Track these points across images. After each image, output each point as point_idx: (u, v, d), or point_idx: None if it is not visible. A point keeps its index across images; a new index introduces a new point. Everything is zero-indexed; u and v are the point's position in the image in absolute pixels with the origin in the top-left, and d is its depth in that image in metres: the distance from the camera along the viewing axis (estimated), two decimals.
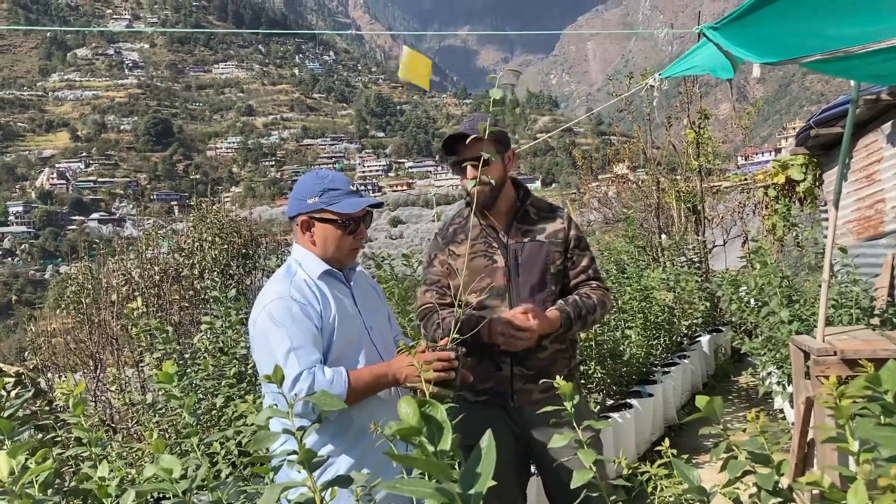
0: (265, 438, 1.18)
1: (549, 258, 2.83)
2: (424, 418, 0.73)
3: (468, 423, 2.87)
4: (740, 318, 6.83)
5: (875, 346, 3.98)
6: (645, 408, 5.60)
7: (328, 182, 2.36)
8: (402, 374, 2.20)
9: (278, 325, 2.18)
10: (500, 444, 2.75)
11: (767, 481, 1.61)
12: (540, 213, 2.93)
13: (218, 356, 3.95)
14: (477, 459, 0.74)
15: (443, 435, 0.73)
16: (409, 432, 0.70)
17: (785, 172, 9.79)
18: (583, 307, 2.78)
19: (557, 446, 1.84)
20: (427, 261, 3.06)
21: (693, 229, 12.13)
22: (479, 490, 0.72)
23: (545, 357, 2.78)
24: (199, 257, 9.62)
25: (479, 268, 2.84)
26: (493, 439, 2.39)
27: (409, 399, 0.73)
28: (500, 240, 2.86)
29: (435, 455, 0.72)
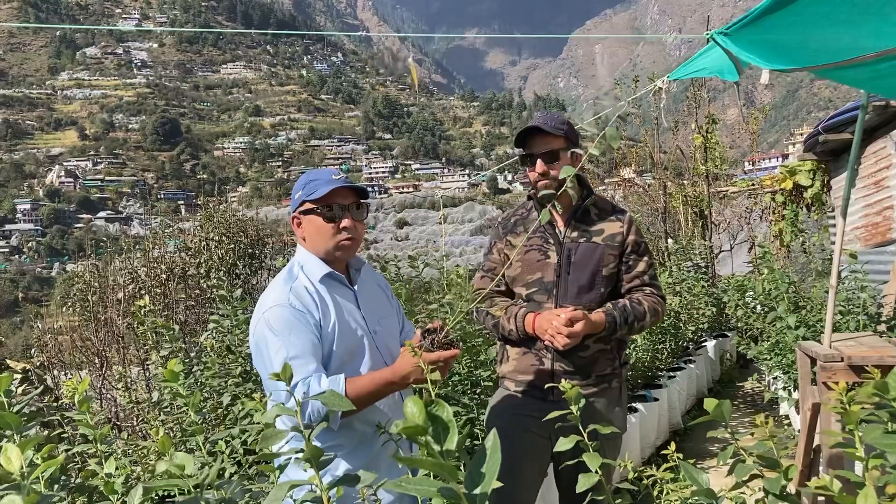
0: (272, 436, 1.18)
1: (602, 260, 2.83)
2: (430, 418, 0.73)
3: (504, 412, 2.92)
4: (746, 324, 6.82)
5: (882, 352, 3.97)
6: (650, 412, 5.59)
7: (313, 176, 2.35)
8: (409, 376, 2.13)
9: (276, 333, 2.14)
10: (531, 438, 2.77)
11: (775, 485, 1.61)
12: (601, 213, 2.93)
13: (224, 355, 3.96)
14: (482, 459, 0.74)
15: (448, 434, 0.73)
16: (414, 431, 0.70)
17: (793, 178, 9.76)
18: (631, 313, 2.78)
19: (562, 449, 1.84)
20: (487, 248, 3.11)
21: (700, 234, 12.11)
22: (484, 490, 0.72)
23: (587, 356, 2.79)
24: (205, 256, 9.64)
25: (532, 261, 2.87)
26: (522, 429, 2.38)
27: (415, 398, 0.73)
28: (556, 236, 2.87)
29: (441, 455, 0.72)
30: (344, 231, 2.30)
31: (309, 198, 2.29)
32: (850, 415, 1.44)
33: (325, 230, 2.29)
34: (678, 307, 7.35)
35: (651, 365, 6.36)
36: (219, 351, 4.06)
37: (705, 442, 6.10)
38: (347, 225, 2.30)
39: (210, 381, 3.82)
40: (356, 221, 2.34)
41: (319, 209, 2.29)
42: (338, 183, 2.28)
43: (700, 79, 11.73)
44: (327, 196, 2.27)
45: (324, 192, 2.26)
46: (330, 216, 2.28)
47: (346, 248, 2.33)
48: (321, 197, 2.27)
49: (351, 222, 2.31)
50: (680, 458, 2.04)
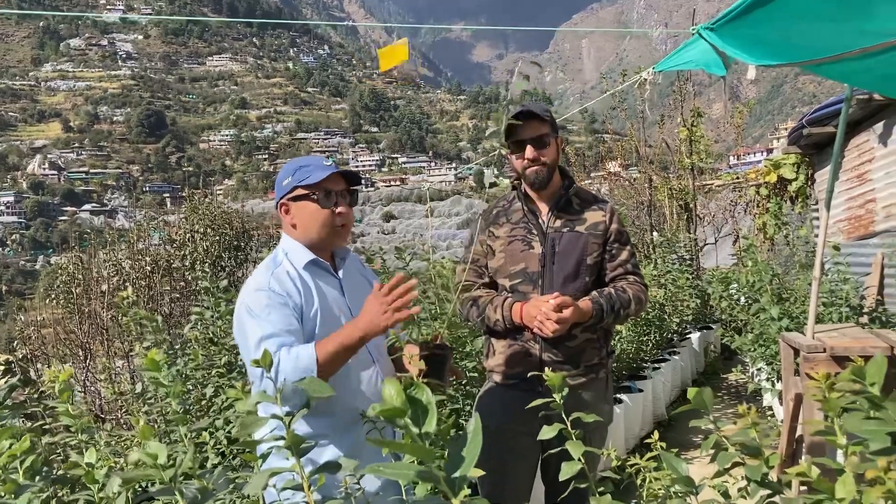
0: (251, 424, 1.18)
1: (585, 249, 2.84)
2: (409, 400, 0.73)
3: (491, 405, 2.92)
4: (730, 316, 6.86)
5: (864, 343, 4.00)
6: (634, 403, 5.62)
7: (301, 162, 2.34)
8: (372, 319, 2.08)
9: (254, 316, 2.14)
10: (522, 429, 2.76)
11: (756, 472, 1.61)
12: (583, 203, 2.93)
13: (208, 346, 3.95)
14: (463, 443, 0.74)
15: (427, 417, 0.72)
16: (393, 413, 0.70)
17: (777, 171, 9.81)
18: (617, 300, 2.78)
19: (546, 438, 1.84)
20: (469, 240, 3.10)
21: (684, 227, 12.16)
22: (463, 473, 0.71)
23: (575, 345, 2.79)
24: (190, 249, 9.60)
25: (516, 252, 2.86)
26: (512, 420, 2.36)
27: (393, 380, 0.72)
28: (539, 226, 2.87)
29: (420, 437, 0.72)
30: (339, 216, 2.30)
31: (301, 183, 2.27)
32: (830, 403, 1.45)
33: (320, 216, 2.28)
34: (663, 299, 7.38)
35: (636, 356, 6.39)
36: (202, 342, 4.04)
37: (689, 433, 6.13)
38: (343, 211, 2.31)
39: (193, 372, 3.80)
40: (348, 208, 2.34)
41: (314, 195, 2.28)
42: (332, 169, 2.28)
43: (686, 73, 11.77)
44: (322, 182, 2.26)
45: (319, 178, 2.25)
46: (326, 202, 2.28)
47: (340, 233, 2.33)
48: (316, 182, 2.26)
49: (344, 208, 2.32)
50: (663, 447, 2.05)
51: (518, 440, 2.81)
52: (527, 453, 2.86)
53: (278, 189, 2.37)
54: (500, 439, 2.86)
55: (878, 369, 1.32)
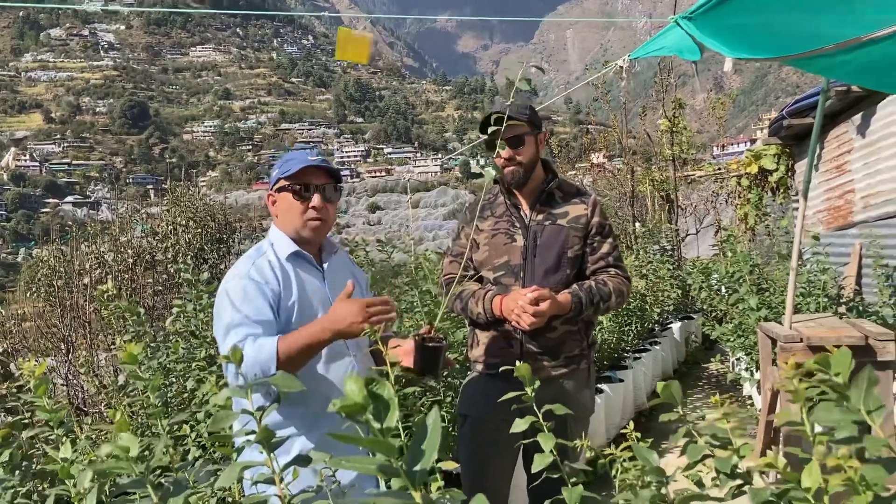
0: (224, 418, 1.19)
1: (567, 242, 2.87)
2: (371, 396, 0.74)
3: (475, 394, 2.95)
4: (710, 306, 6.92)
5: (840, 333, 4.05)
6: (615, 393, 5.66)
7: (290, 156, 2.38)
8: (343, 321, 2.10)
9: (229, 303, 2.18)
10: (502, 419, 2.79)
11: (725, 464, 1.64)
12: (566, 196, 2.96)
13: (189, 339, 3.94)
14: (423, 436, 0.75)
15: (389, 412, 0.74)
16: (353, 409, 0.71)
17: (758, 162, 9.88)
18: (597, 293, 2.81)
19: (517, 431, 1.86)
20: (455, 233, 3.14)
21: (666, 218, 12.23)
22: (424, 467, 0.73)
23: (555, 336, 2.83)
24: (172, 241, 9.56)
25: (499, 245, 2.90)
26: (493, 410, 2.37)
27: (355, 377, 0.74)
28: (522, 219, 2.90)
29: (381, 432, 0.74)
30: (312, 210, 2.31)
31: (283, 175, 2.31)
32: (798, 393, 1.48)
33: (295, 208, 2.31)
34: (644, 290, 7.43)
35: (617, 346, 6.44)
36: (184, 335, 4.04)
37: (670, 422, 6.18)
38: (317, 204, 2.31)
39: (175, 365, 3.80)
40: (327, 203, 2.35)
41: (291, 187, 2.31)
42: (309, 162, 2.30)
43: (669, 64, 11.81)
44: (299, 174, 2.29)
45: (295, 170, 2.28)
46: (300, 194, 2.30)
47: (314, 228, 2.34)
48: (293, 174, 2.29)
49: (321, 202, 2.32)
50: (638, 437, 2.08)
51: (499, 429, 2.84)
52: (508, 442, 2.89)
53: (270, 180, 2.42)
54: (482, 429, 2.90)
55: (843, 360, 1.35)
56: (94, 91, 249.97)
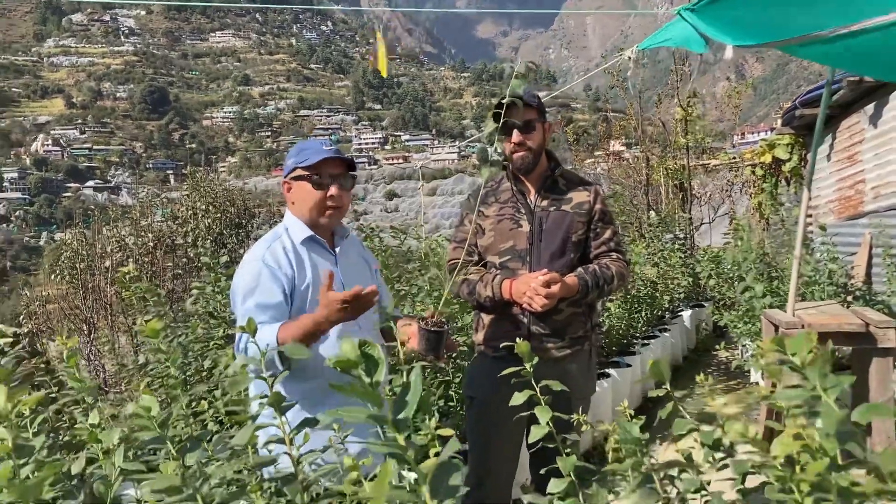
0: (240, 381, 1.32)
1: (571, 227, 2.96)
2: (363, 355, 0.87)
3: (481, 376, 3.05)
4: (720, 293, 6.99)
5: (841, 320, 4.14)
6: (623, 378, 5.75)
7: (305, 146, 2.51)
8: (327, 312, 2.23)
9: (244, 286, 2.33)
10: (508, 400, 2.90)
11: (709, 437, 1.75)
12: (569, 184, 3.06)
13: (208, 320, 4.09)
14: (407, 390, 0.88)
15: (377, 369, 0.86)
16: (347, 364, 0.84)
17: (771, 152, 9.90)
18: (601, 277, 2.92)
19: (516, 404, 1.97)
20: (458, 219, 3.23)
21: (680, 206, 12.26)
22: (407, 415, 0.85)
23: (561, 318, 2.92)
24: (192, 226, 9.74)
25: (505, 230, 2.99)
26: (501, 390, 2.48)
27: (348, 338, 0.86)
28: (527, 205, 2.99)
29: (371, 386, 0.86)
30: (330, 199, 2.46)
31: (300, 165, 2.45)
32: (772, 371, 1.59)
33: (313, 196, 2.45)
34: (655, 277, 7.51)
35: (626, 332, 6.52)
36: (203, 316, 4.19)
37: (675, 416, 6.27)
38: (334, 193, 2.46)
39: (193, 345, 3.94)
40: (343, 191, 2.50)
41: (309, 176, 2.45)
42: (327, 153, 2.44)
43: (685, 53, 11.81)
44: (317, 165, 2.43)
45: (314, 161, 2.42)
46: (318, 183, 2.44)
47: (331, 215, 2.49)
48: (312, 165, 2.43)
49: (338, 191, 2.47)
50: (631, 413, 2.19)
51: (504, 410, 2.94)
52: (513, 422, 2.98)
53: (284, 168, 2.56)
54: (487, 409, 2.99)
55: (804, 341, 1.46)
56: (114, 76, 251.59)
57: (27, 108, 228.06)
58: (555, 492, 1.79)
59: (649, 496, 1.61)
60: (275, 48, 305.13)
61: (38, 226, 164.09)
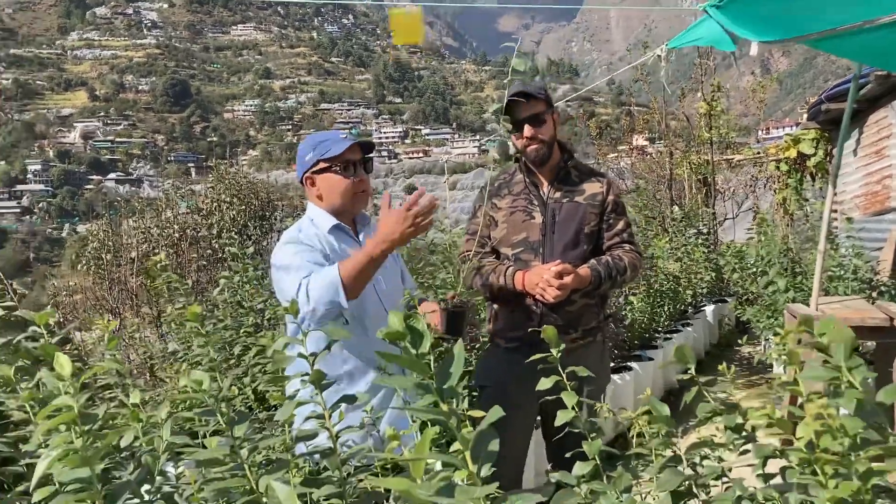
0: (283, 359, 1.38)
1: (584, 219, 2.99)
2: (409, 328, 0.92)
3: (495, 367, 3.10)
4: (743, 288, 6.99)
5: (864, 314, 4.14)
6: (645, 371, 5.78)
7: (320, 137, 2.59)
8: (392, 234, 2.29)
9: (286, 261, 2.38)
10: (523, 390, 2.95)
11: (731, 420, 1.78)
12: (581, 175, 3.09)
13: (236, 309, 4.17)
14: (451, 362, 0.93)
15: (422, 341, 0.91)
16: (395, 336, 0.89)
17: (796, 147, 9.85)
18: (614, 268, 2.94)
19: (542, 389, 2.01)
20: (472, 212, 3.25)
21: (703, 201, 12.21)
22: (451, 384, 0.91)
23: (574, 309, 2.95)
24: (217, 218, 9.84)
25: (517, 222, 3.02)
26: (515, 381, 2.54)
27: (396, 311, 0.91)
28: (540, 197, 3.02)
29: (416, 356, 0.91)
30: (359, 184, 2.56)
31: (323, 157, 2.51)
32: (792, 356, 1.62)
33: (342, 185, 2.53)
34: (678, 272, 7.51)
35: (648, 326, 6.54)
36: (231, 305, 4.27)
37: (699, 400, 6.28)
38: (362, 178, 2.56)
39: (222, 332, 4.02)
40: (366, 175, 2.60)
41: (335, 166, 2.52)
42: (350, 140, 2.53)
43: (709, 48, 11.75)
44: (343, 154, 2.50)
45: (339, 150, 2.49)
46: (346, 172, 2.52)
47: (360, 200, 2.59)
48: (337, 155, 2.50)
49: (362, 175, 2.57)
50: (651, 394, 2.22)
51: (518, 398, 2.95)
52: (526, 410, 3.03)
53: (300, 164, 2.60)
54: (500, 398, 3.02)
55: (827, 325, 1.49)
56: (137, 69, 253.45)
57: (51, 100, 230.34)
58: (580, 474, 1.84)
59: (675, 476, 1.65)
60: (296, 41, 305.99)
61: (61, 217, 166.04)
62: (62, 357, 1.15)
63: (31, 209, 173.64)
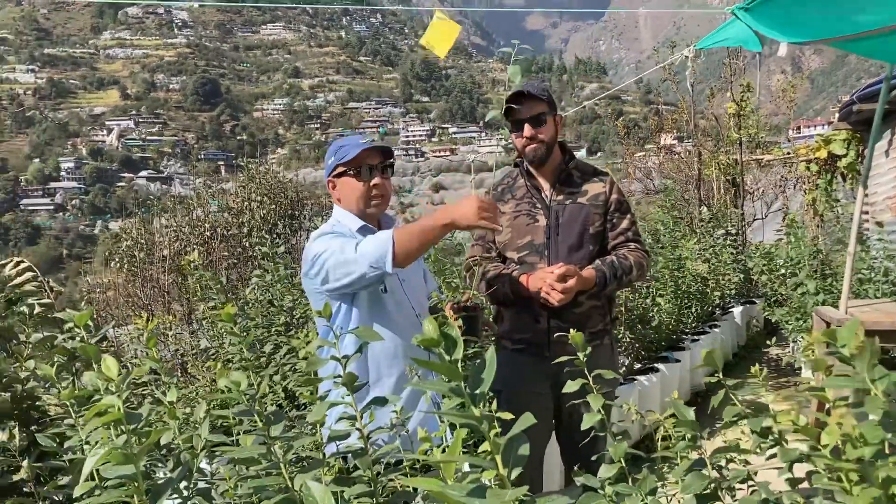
0: (317, 362, 1.42)
1: (588, 219, 2.99)
2: (443, 335, 0.96)
3: (502, 370, 3.10)
4: (771, 290, 6.94)
5: (895, 318, 4.11)
6: (671, 373, 5.77)
7: (342, 142, 2.64)
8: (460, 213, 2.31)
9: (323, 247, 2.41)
10: (533, 392, 2.97)
11: (757, 424, 1.80)
12: (584, 175, 3.08)
13: (267, 307, 4.23)
14: (482, 367, 0.96)
15: (456, 347, 0.95)
16: (430, 343, 0.93)
17: (827, 147, 9.75)
18: (619, 268, 2.93)
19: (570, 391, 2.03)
20: None
21: (732, 202, 12.13)
22: (482, 390, 0.94)
23: (581, 312, 2.94)
24: (247, 216, 9.96)
25: (521, 226, 3.02)
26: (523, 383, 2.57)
27: (430, 318, 0.95)
28: (543, 200, 3.03)
29: (450, 362, 0.95)
30: (374, 188, 2.58)
31: (341, 161, 2.57)
32: (818, 363, 1.63)
33: (358, 188, 2.57)
34: (706, 273, 7.48)
35: (675, 328, 6.52)
36: (262, 304, 4.34)
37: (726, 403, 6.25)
38: (377, 182, 2.59)
39: (253, 331, 4.09)
40: (384, 179, 2.62)
41: (351, 171, 2.57)
42: (365, 145, 2.57)
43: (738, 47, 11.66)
44: (357, 158, 2.55)
45: (353, 155, 2.54)
46: (360, 175, 2.57)
47: (377, 204, 2.62)
48: (351, 159, 2.55)
49: (380, 180, 2.60)
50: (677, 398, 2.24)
51: (532, 401, 2.95)
52: (541, 413, 3.00)
53: (325, 168, 2.68)
54: (513, 403, 2.98)
55: (849, 332, 1.50)
56: (168, 68, 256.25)
57: (84, 99, 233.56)
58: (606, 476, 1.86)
59: (700, 479, 1.68)
60: (324, 41, 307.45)
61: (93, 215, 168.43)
62: (109, 360, 1.20)
63: (64, 206, 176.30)
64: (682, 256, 6.80)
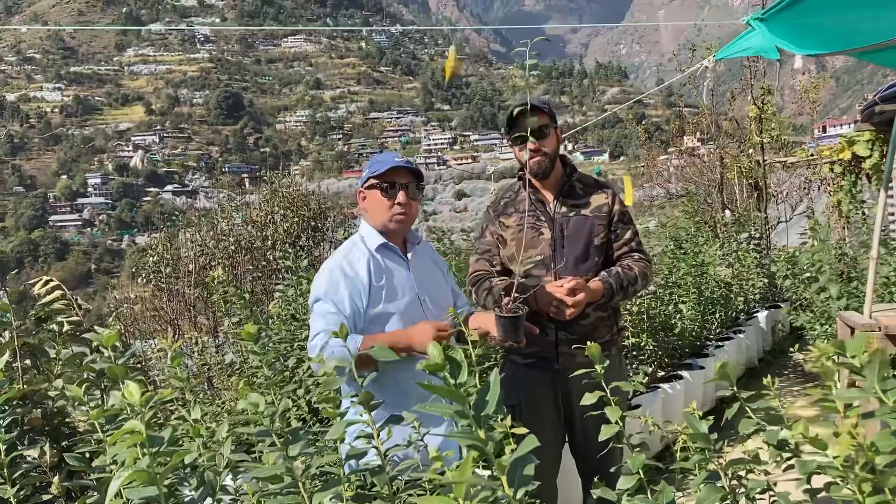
0: (332, 381, 1.46)
1: (593, 231, 3.02)
2: (448, 359, 0.99)
3: (514, 384, 3.13)
4: (796, 294, 6.89)
5: None
6: (695, 380, 5.74)
7: (379, 158, 2.71)
8: (415, 339, 2.44)
9: (324, 291, 2.54)
10: (544, 405, 2.99)
11: (773, 437, 1.81)
12: (586, 188, 3.12)
13: (290, 322, 4.29)
14: (487, 389, 0.99)
15: (461, 371, 0.98)
16: (435, 368, 0.96)
17: (850, 148, 9.66)
18: (625, 279, 2.96)
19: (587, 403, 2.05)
20: (479, 232, 3.30)
21: (754, 205, 12.04)
22: (487, 412, 0.97)
23: (588, 324, 2.96)
24: (271, 230, 10.05)
25: (527, 239, 3.02)
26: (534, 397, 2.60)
27: (435, 344, 0.98)
28: (547, 213, 3.05)
29: (455, 386, 0.98)
30: (398, 206, 2.64)
31: (372, 174, 2.65)
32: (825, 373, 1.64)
33: (383, 203, 2.64)
34: (729, 278, 7.44)
35: (699, 334, 6.49)
36: (285, 318, 4.40)
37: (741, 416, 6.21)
38: (402, 200, 2.65)
39: (277, 345, 4.14)
40: (411, 200, 2.67)
41: (379, 185, 2.64)
42: (396, 163, 2.64)
43: None
44: (386, 173, 2.63)
45: (383, 170, 2.62)
46: (387, 191, 2.63)
47: (399, 221, 2.67)
48: (381, 174, 2.63)
49: (405, 199, 2.65)
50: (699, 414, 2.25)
51: (539, 415, 2.99)
52: (554, 426, 3.05)
53: (360, 179, 2.76)
54: (528, 415, 3.00)
55: (858, 344, 1.51)
56: (191, 83, 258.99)
57: (109, 115, 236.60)
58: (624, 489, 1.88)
59: (713, 491, 1.69)
60: (345, 52, 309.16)
61: (120, 230, 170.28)
62: (132, 385, 1.25)
63: (91, 221, 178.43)
64: (704, 262, 6.77)
